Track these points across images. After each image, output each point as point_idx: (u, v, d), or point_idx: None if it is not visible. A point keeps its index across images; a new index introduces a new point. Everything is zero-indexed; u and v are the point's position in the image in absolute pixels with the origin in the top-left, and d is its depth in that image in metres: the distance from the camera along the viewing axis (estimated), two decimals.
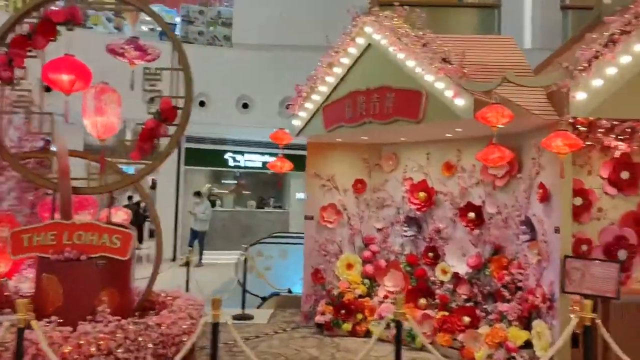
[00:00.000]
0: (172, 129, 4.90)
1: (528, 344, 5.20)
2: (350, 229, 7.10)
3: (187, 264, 7.14)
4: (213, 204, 15.95)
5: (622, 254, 4.93)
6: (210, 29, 12.10)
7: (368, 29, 5.74)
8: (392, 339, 6.31)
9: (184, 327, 4.65)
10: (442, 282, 6.30)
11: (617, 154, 5.99)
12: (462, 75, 4.88)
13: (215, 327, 3.98)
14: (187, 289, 7.06)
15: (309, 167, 7.13)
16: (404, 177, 6.81)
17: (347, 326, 6.60)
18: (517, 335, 5.20)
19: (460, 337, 5.73)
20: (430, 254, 6.43)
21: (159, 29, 12.23)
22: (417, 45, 5.18)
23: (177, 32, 12.19)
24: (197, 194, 13.11)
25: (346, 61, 6.01)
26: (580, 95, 4.59)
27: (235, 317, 7.36)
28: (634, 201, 6.24)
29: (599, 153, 6.21)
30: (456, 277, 6.15)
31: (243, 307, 7.54)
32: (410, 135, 6.33)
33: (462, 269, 6.08)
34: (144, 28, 12.89)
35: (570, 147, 4.44)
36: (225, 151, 14.77)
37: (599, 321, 3.88)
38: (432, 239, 6.48)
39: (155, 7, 13.48)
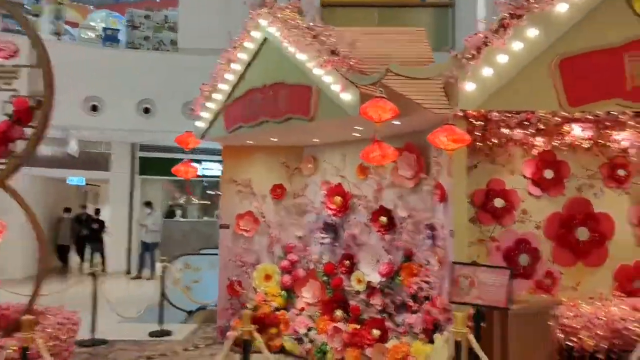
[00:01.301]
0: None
1: None
2: (268, 237, 6.69)
3: (93, 276, 6.69)
4: (173, 214, 15.52)
5: (523, 259, 4.52)
6: (156, 34, 11.75)
7: (262, 22, 5.37)
8: (306, 354, 5.91)
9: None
10: (357, 292, 5.88)
11: (534, 151, 5.63)
12: (349, 68, 4.50)
13: (24, 350, 3.52)
14: (94, 305, 6.61)
15: (225, 172, 6.74)
16: (322, 181, 6.42)
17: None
18: (419, 350, 4.78)
19: (368, 351, 5.30)
20: (347, 262, 6.02)
21: (104, 33, 11.90)
22: (306, 38, 4.80)
23: (122, 37, 11.82)
24: (148, 204, 12.68)
25: (244, 57, 5.63)
26: (469, 86, 4.20)
27: (153, 334, 6.94)
28: (560, 202, 5.86)
29: (521, 151, 5.84)
30: (370, 286, 5.73)
31: (161, 322, 7.09)
32: (322, 136, 5.95)
33: (376, 278, 5.67)
34: (91, 34, 12.56)
35: (456, 142, 4.05)
36: (182, 160, 14.30)
37: (471, 336, 3.45)
38: (348, 245, 6.07)
39: (101, 12, 13.18)
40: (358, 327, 5.53)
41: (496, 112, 4.24)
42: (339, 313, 5.91)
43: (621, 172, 5.80)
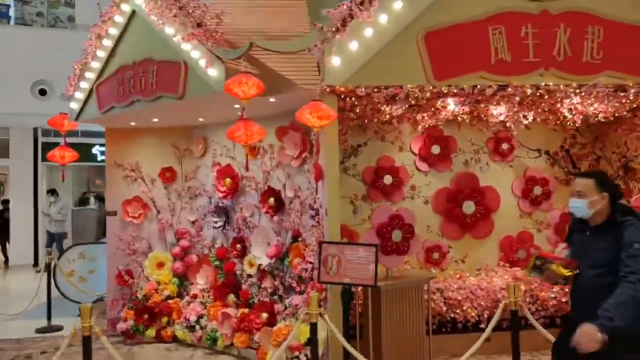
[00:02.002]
0: None
1: None
2: (159, 223, 6.38)
3: None
4: (86, 202, 14.77)
5: (396, 235, 4.50)
6: (52, 9, 10.90)
7: None
8: (197, 342, 5.72)
9: None
10: (249, 276, 5.73)
11: (421, 127, 5.64)
12: (215, 41, 4.24)
13: None
14: None
15: (109, 156, 6.35)
16: (213, 162, 6.17)
17: (151, 332, 5.92)
18: (301, 331, 4.69)
19: (257, 336, 5.17)
20: (238, 246, 5.83)
21: None
22: (172, 10, 4.49)
23: (12, 13, 10.90)
24: (52, 192, 11.93)
25: (114, 32, 5.23)
26: (335, 61, 4.06)
27: (40, 330, 6.52)
28: (448, 177, 5.93)
29: (409, 127, 5.84)
30: (261, 269, 5.59)
31: (49, 317, 6.66)
32: (206, 115, 5.69)
33: (266, 261, 5.52)
34: None
35: (322, 119, 3.91)
36: (92, 144, 13.56)
37: (326, 316, 3.38)
38: (240, 229, 5.88)
39: None
40: (247, 311, 5.39)
41: (363, 88, 4.11)
42: (231, 298, 5.74)
43: (505, 146, 5.95)
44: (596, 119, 5.48)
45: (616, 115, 5.38)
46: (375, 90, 4.13)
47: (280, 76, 4.28)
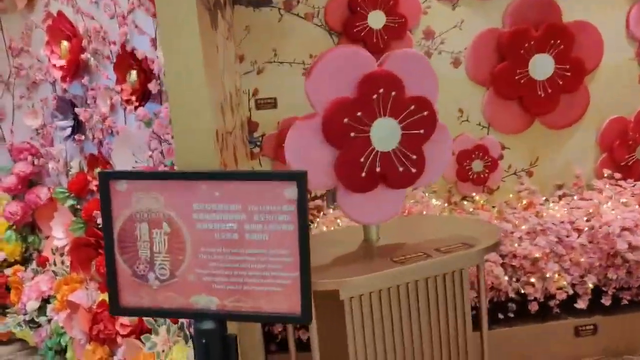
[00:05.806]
0: None
1: None
2: None
3: None
4: None
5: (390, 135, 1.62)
6: None
7: None
8: (40, 343, 3.20)
9: None
10: None
11: None
12: None
13: None
14: None
15: None
16: (45, 15, 3.25)
17: None
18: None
19: (120, 351, 2.59)
20: (99, 170, 3.07)
21: None
22: None
23: None
24: None
25: None
26: None
27: None
28: (498, 9, 2.98)
29: None
30: None
31: None
32: None
33: None
34: None
35: None
36: None
37: None
38: (100, 139, 3.10)
39: None
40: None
41: None
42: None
43: None
44: None
45: None
46: None
47: None
